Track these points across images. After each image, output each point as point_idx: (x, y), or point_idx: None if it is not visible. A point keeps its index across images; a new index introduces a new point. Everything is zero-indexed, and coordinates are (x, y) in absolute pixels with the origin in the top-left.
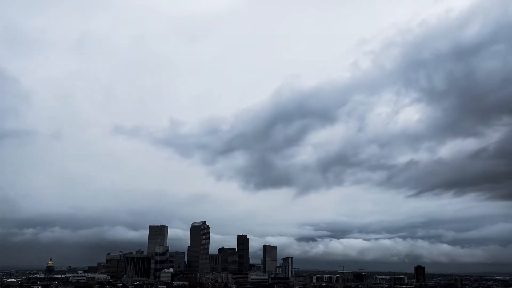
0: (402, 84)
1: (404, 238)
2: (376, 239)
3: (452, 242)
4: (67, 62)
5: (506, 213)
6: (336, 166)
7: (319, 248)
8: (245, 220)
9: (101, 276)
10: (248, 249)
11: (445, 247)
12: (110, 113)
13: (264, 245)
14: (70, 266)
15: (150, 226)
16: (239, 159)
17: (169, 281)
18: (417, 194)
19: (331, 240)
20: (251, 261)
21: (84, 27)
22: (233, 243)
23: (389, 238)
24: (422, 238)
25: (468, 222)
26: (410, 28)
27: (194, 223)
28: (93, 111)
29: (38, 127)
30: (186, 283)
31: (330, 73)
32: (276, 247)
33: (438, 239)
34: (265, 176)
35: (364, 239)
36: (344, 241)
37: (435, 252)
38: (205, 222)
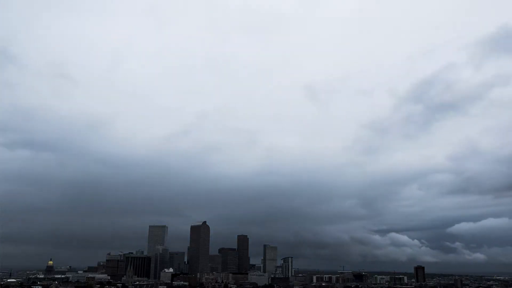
0: None
1: None
2: None
3: None
4: None
5: None
6: None
7: None
8: None
9: (101, 276)
10: (248, 249)
11: None
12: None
13: (264, 245)
14: (70, 266)
15: (150, 226)
16: None
17: (169, 281)
18: None
19: None
20: (251, 261)
21: None
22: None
23: None
24: None
25: None
26: None
27: (194, 223)
28: None
29: None
30: (186, 283)
31: None
32: (276, 247)
33: None
34: None
35: None
36: None
37: None
38: (205, 222)
